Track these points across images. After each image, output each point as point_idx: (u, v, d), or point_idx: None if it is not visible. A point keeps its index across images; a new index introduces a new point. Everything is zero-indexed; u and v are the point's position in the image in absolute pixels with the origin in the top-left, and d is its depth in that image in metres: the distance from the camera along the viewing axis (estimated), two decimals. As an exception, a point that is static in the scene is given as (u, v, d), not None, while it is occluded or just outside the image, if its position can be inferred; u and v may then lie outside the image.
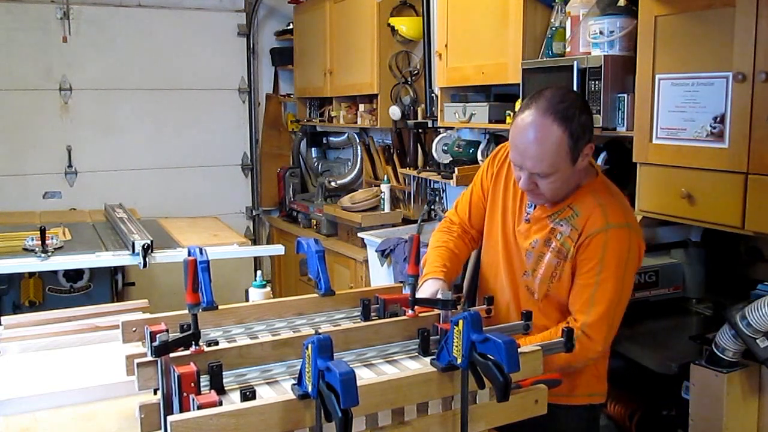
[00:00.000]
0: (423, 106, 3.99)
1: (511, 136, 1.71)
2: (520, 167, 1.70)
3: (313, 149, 5.42)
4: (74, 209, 4.65)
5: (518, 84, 2.77)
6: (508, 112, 3.10)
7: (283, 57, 5.42)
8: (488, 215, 1.97)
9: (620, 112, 2.35)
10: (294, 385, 1.20)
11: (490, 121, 3.18)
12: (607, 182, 1.84)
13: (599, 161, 2.63)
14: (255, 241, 5.55)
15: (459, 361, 1.24)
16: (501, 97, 3.27)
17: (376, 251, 3.61)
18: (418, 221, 3.99)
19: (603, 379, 1.91)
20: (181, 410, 1.22)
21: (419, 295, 1.66)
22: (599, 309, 1.70)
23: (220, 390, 1.29)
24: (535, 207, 1.82)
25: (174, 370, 1.24)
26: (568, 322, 1.73)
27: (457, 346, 1.24)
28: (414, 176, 4.04)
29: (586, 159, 1.71)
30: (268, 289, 2.04)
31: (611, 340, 1.76)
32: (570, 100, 1.67)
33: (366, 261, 3.88)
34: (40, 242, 3.06)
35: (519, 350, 1.26)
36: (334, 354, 1.13)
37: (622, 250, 1.69)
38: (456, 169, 3.36)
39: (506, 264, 1.90)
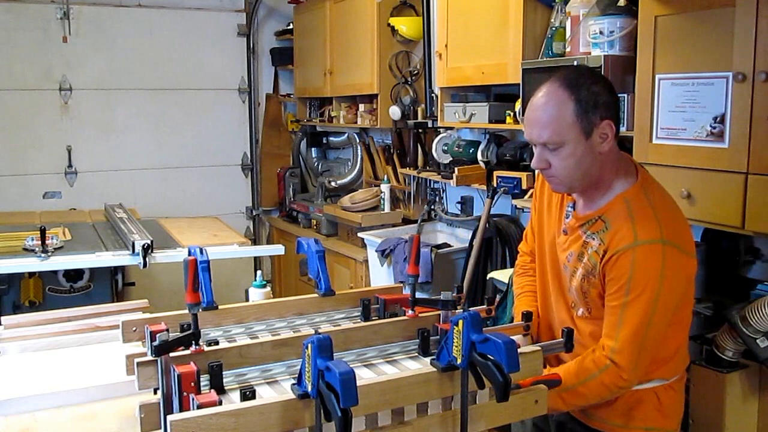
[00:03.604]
0: (423, 106, 3.99)
1: (527, 108, 1.64)
2: (533, 143, 1.61)
3: (313, 149, 5.42)
4: (74, 209, 4.65)
5: (518, 84, 2.77)
6: (508, 112, 3.10)
7: (283, 57, 5.42)
8: (537, 236, 1.86)
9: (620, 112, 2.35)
10: (294, 384, 1.20)
11: (490, 121, 3.18)
12: (648, 188, 1.62)
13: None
14: (255, 241, 5.54)
15: (459, 361, 1.24)
16: (501, 97, 3.27)
17: (376, 251, 3.61)
18: (418, 221, 4.00)
19: (668, 415, 1.70)
20: (181, 410, 1.22)
21: None
22: (626, 333, 1.54)
23: (220, 389, 1.29)
24: (570, 217, 1.70)
25: (174, 369, 1.24)
26: (594, 350, 1.61)
27: (457, 346, 1.24)
28: (414, 176, 4.04)
29: (607, 142, 1.56)
30: (268, 289, 2.04)
31: (644, 366, 1.59)
32: (582, 71, 1.64)
33: (366, 261, 3.88)
34: (40, 242, 3.06)
35: (519, 350, 1.26)
36: (334, 354, 1.13)
37: (654, 269, 1.51)
38: (456, 169, 3.36)
39: (555, 280, 1.77)
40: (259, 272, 2.09)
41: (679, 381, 1.72)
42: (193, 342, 1.33)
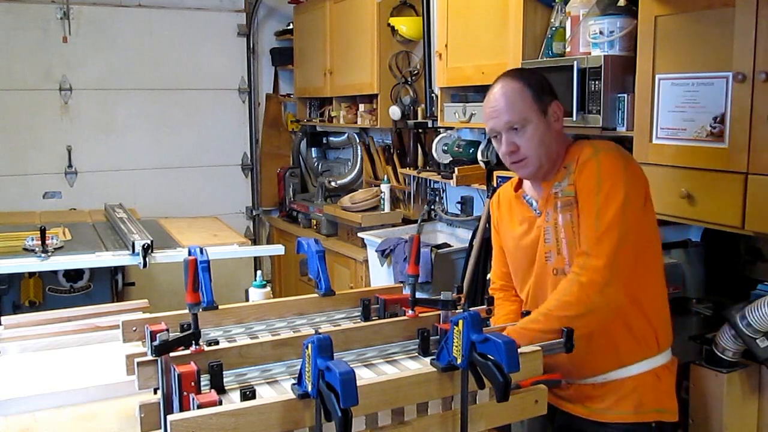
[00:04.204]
0: (423, 106, 3.98)
1: (484, 109, 1.81)
2: (497, 132, 1.77)
3: (313, 149, 5.42)
4: (74, 209, 4.65)
5: (518, 84, 2.77)
6: (508, 112, 3.10)
7: (283, 57, 5.42)
8: (507, 254, 1.93)
9: (620, 112, 2.35)
10: (294, 384, 1.20)
11: (490, 121, 3.17)
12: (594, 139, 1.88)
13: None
14: (255, 241, 5.54)
15: (459, 361, 1.24)
16: (501, 97, 3.26)
17: (376, 251, 3.61)
18: (418, 221, 4.00)
19: (670, 396, 1.79)
20: (181, 409, 1.23)
21: None
22: (604, 222, 1.62)
23: (220, 389, 1.29)
24: (536, 202, 1.80)
25: (174, 369, 1.24)
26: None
27: (457, 346, 1.24)
28: (414, 176, 4.04)
29: (559, 120, 1.77)
30: (268, 289, 2.04)
31: (620, 265, 1.62)
32: (522, 69, 1.93)
33: (366, 261, 3.88)
34: (40, 242, 3.06)
35: (519, 350, 1.26)
36: (334, 354, 1.13)
37: (618, 167, 1.66)
38: (456, 169, 3.36)
39: (550, 274, 1.78)
40: (259, 272, 2.09)
41: (672, 363, 1.81)
42: (193, 342, 1.33)
